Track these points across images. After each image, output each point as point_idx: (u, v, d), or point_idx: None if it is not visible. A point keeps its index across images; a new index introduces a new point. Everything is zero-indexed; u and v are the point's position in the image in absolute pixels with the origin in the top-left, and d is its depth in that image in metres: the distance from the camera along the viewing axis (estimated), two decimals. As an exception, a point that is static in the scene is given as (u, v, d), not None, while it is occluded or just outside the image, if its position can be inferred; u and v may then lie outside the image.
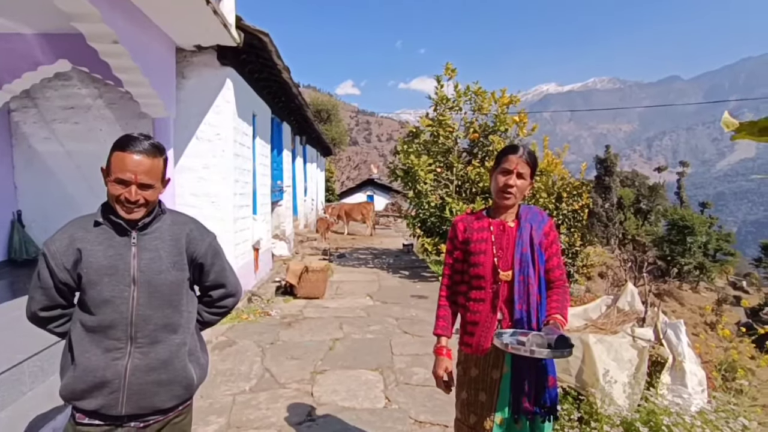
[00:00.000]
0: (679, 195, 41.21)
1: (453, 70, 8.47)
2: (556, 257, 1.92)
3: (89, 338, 1.47)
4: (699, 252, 27.48)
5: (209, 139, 5.54)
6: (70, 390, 1.47)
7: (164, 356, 1.52)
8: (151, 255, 1.50)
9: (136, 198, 1.43)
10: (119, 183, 1.42)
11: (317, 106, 31.41)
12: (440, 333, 2.00)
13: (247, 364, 4.09)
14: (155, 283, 1.49)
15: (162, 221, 1.56)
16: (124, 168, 1.41)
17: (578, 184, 8.43)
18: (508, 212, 1.91)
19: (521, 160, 1.82)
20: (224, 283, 1.71)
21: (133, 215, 1.46)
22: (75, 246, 1.46)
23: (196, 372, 1.62)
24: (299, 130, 12.00)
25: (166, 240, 1.54)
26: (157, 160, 1.48)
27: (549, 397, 1.86)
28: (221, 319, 1.85)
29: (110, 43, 3.75)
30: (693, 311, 22.04)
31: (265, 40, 5.40)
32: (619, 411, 3.26)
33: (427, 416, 3.19)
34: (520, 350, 1.66)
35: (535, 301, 1.84)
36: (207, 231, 1.67)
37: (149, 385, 1.50)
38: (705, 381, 4.03)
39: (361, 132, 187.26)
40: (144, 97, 4.69)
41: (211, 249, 1.65)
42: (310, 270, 6.55)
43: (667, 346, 4.00)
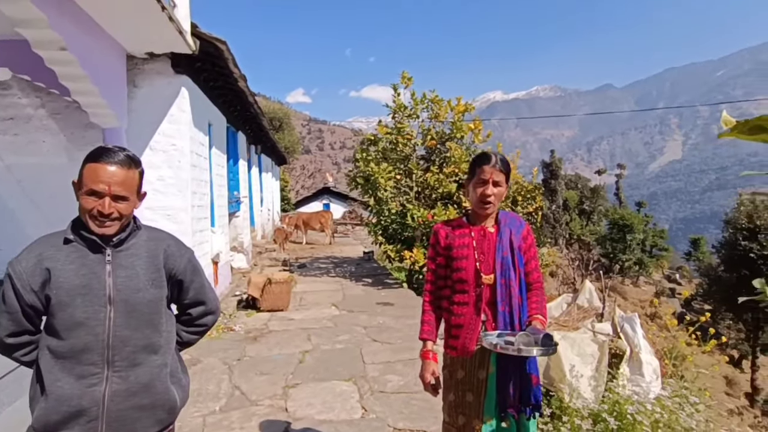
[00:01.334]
0: (617, 196, 43.81)
1: (409, 79, 8.62)
2: (534, 260, 2.01)
3: (60, 365, 1.37)
4: (638, 248, 29.33)
5: (164, 150, 5.31)
6: (43, 423, 1.36)
7: (145, 379, 1.44)
8: (128, 272, 1.43)
9: (109, 211, 1.36)
10: (92, 195, 1.36)
11: (269, 114, 30.88)
12: (426, 337, 2.03)
13: (215, 383, 3.93)
14: (133, 301, 1.42)
15: (138, 237, 1.49)
16: (97, 179, 1.35)
17: (532, 187, 8.79)
18: (488, 218, 1.98)
19: (495, 169, 1.89)
20: (204, 300, 1.66)
21: (107, 230, 1.39)
22: (43, 265, 1.37)
23: (178, 394, 1.56)
24: (254, 139, 11.76)
25: (142, 257, 1.47)
26: (132, 171, 1.42)
27: (534, 395, 1.93)
28: (200, 338, 1.78)
29: (57, 50, 3.52)
30: (635, 304, 23.45)
31: (222, 47, 5.28)
32: (586, 404, 3.41)
33: (406, 423, 3.20)
34: (508, 350, 1.73)
35: (517, 303, 1.92)
36: (185, 247, 1.62)
37: (130, 411, 1.42)
38: (659, 369, 4.31)
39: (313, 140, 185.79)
40: (93, 107, 4.44)
41: (190, 265, 1.59)
42: (273, 282, 6.41)
43: (624, 339, 4.24)
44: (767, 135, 0.97)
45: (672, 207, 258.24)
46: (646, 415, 3.28)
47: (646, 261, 30.12)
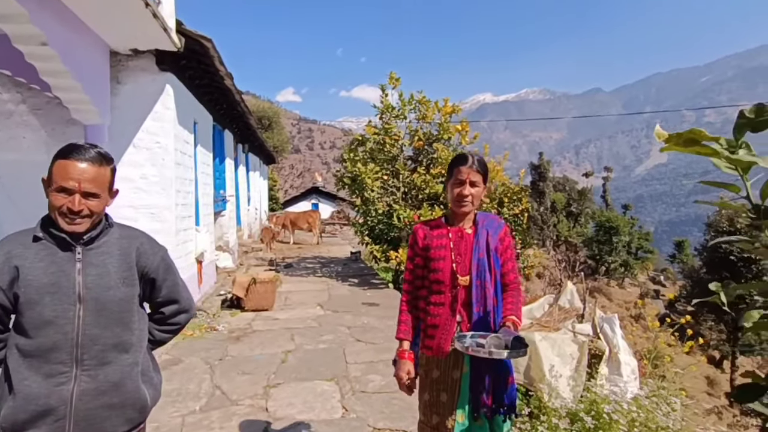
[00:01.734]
0: (604, 198, 44.33)
1: (397, 80, 8.64)
2: (511, 261, 2.03)
3: (27, 364, 1.36)
4: (623, 250, 29.72)
5: (148, 148, 5.26)
6: (10, 422, 1.35)
7: (115, 378, 1.43)
8: (99, 270, 1.42)
9: (79, 208, 1.35)
10: (61, 192, 1.34)
11: (258, 113, 30.68)
12: (402, 337, 2.05)
13: (196, 383, 3.91)
14: (103, 300, 1.41)
15: (109, 235, 1.48)
16: (67, 176, 1.34)
17: (518, 189, 8.85)
18: (466, 219, 2.00)
19: (472, 169, 1.91)
20: (177, 299, 1.65)
21: (76, 227, 1.38)
22: (11, 263, 1.36)
23: (149, 393, 1.54)
24: (242, 138, 11.68)
25: (114, 254, 1.46)
26: (104, 168, 1.41)
27: (508, 396, 1.95)
28: (173, 337, 1.77)
29: (38, 45, 3.48)
30: (620, 305, 23.77)
31: (207, 45, 5.24)
32: (565, 403, 3.45)
33: (386, 423, 3.21)
34: (479, 352, 1.75)
35: (492, 304, 1.94)
36: (158, 245, 1.61)
37: (99, 410, 1.41)
38: (637, 369, 4.38)
39: (303, 140, 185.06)
40: (75, 103, 4.39)
41: (163, 263, 1.58)
42: (257, 281, 6.38)
43: (603, 340, 4.30)
44: (700, 147, 1.00)
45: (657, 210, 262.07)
46: (623, 414, 3.33)
47: (631, 263, 30.52)
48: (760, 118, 1.10)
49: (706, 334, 18.63)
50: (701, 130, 1.06)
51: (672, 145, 1.10)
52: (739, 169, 1.11)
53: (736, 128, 1.11)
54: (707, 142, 1.08)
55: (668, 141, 1.08)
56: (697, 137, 1.05)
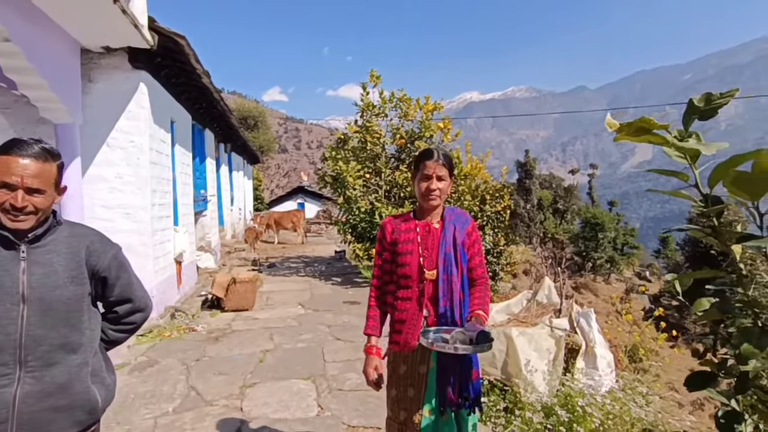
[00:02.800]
0: (590, 195, 44.85)
1: (378, 77, 8.62)
2: (478, 256, 2.02)
3: None
4: (609, 246, 30.09)
5: (122, 147, 5.17)
6: None
7: (62, 379, 1.39)
8: (45, 270, 1.37)
9: (23, 204, 1.31)
10: (3, 188, 1.30)
11: (244, 112, 30.44)
12: (370, 333, 2.04)
13: (171, 384, 3.85)
14: (49, 299, 1.37)
15: (57, 233, 1.44)
16: (9, 171, 1.29)
17: (500, 186, 8.90)
18: (434, 214, 1.99)
19: (438, 164, 1.91)
20: (131, 298, 1.61)
21: (20, 224, 1.33)
22: None
23: (100, 394, 1.50)
24: (224, 137, 11.56)
25: (62, 253, 1.42)
26: (49, 164, 1.37)
27: (473, 390, 1.95)
28: (129, 336, 1.72)
29: (0, 41, 3.39)
30: (606, 301, 24.04)
31: (181, 43, 5.16)
32: (540, 397, 3.47)
33: (360, 420, 3.19)
34: (444, 348, 1.73)
35: (458, 298, 1.93)
36: (111, 243, 1.56)
37: (44, 413, 1.36)
38: (613, 363, 4.42)
39: (290, 139, 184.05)
40: (43, 101, 4.29)
41: (115, 261, 1.54)
42: (237, 281, 6.31)
43: (580, 334, 4.34)
44: (651, 136, 1.00)
45: (643, 206, 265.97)
46: (597, 407, 3.36)
47: (617, 259, 30.92)
48: (707, 106, 1.10)
49: (691, 327, 18.95)
50: (651, 119, 1.06)
51: (625, 135, 1.10)
52: (688, 157, 1.11)
53: (685, 116, 1.11)
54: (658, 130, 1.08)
55: (620, 131, 1.08)
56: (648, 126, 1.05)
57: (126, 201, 5.23)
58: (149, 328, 5.16)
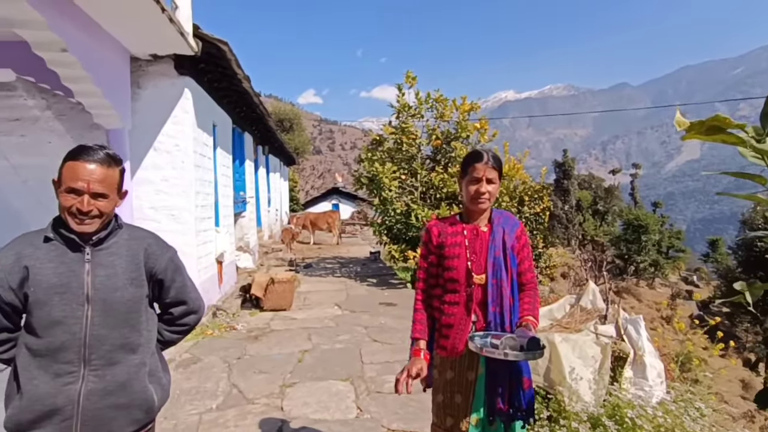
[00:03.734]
0: (632, 196, 43.17)
1: (413, 78, 8.59)
2: (527, 260, 1.97)
3: (36, 363, 1.37)
4: (653, 250, 28.81)
5: (168, 151, 5.36)
6: (15, 422, 1.37)
7: (122, 378, 1.44)
8: (107, 272, 1.43)
9: (88, 208, 1.36)
10: (71, 193, 1.36)
11: (279, 115, 31.06)
12: (417, 336, 1.97)
13: (213, 381, 3.95)
14: (111, 301, 1.42)
15: (118, 236, 1.49)
16: (76, 177, 1.35)
17: (539, 187, 8.69)
18: (481, 217, 1.94)
19: (487, 166, 1.85)
20: (185, 300, 1.65)
21: (86, 227, 1.39)
22: (22, 263, 1.37)
23: (157, 393, 1.55)
24: (261, 139, 11.82)
25: (122, 255, 1.47)
26: (112, 170, 1.42)
27: (524, 399, 1.88)
28: (183, 337, 1.78)
29: (58, 52, 3.57)
30: (650, 306, 23.05)
31: (224, 49, 5.31)
32: (585, 407, 3.34)
33: (400, 424, 3.17)
34: (494, 353, 1.69)
35: (508, 304, 1.88)
36: (167, 246, 1.61)
37: (106, 410, 1.41)
38: (664, 373, 4.21)
39: (324, 141, 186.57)
40: (97, 108, 4.49)
41: (171, 264, 1.58)
42: (276, 281, 6.43)
43: (628, 342, 4.15)
44: (725, 135, 0.93)
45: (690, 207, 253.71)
46: (648, 419, 3.20)
47: (662, 262, 29.56)
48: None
49: (742, 336, 17.88)
50: (726, 117, 0.99)
51: (694, 134, 1.03)
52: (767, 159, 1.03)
53: (763, 116, 1.03)
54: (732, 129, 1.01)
55: (690, 129, 1.01)
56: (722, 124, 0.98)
57: (171, 203, 5.41)
58: (193, 326, 5.32)
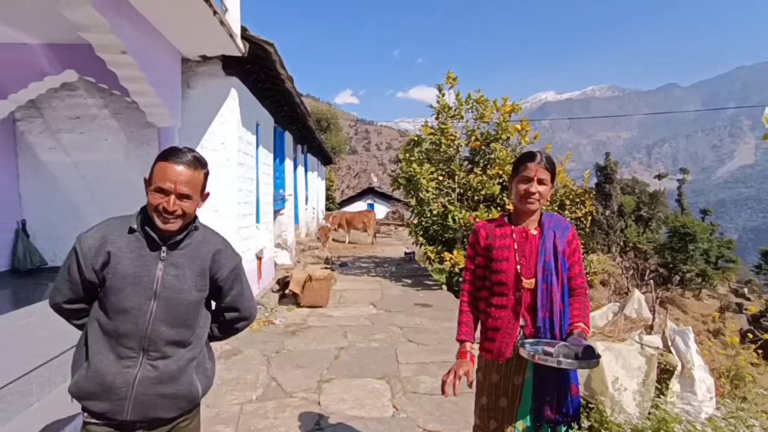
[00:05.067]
0: (679, 202, 41.23)
1: (454, 79, 8.52)
2: (578, 265, 1.92)
3: (104, 340, 1.48)
4: (701, 259, 27.41)
5: (214, 149, 5.55)
6: (78, 388, 1.49)
7: (173, 371, 1.53)
8: (177, 272, 1.51)
9: (173, 208, 1.44)
10: (159, 192, 1.44)
11: (317, 115, 31.56)
12: (464, 338, 1.96)
13: (253, 373, 4.06)
14: (175, 301, 1.50)
15: (193, 237, 1.56)
16: (165, 177, 1.43)
17: (581, 191, 8.44)
18: (530, 219, 1.91)
19: (540, 166, 1.82)
20: (239, 308, 1.71)
21: (170, 226, 1.47)
22: (106, 248, 1.46)
23: (201, 383, 1.63)
24: (301, 139, 12.04)
25: (193, 258, 1.55)
26: (198, 172, 1.49)
27: (572, 406, 1.84)
28: (230, 336, 1.85)
29: (118, 54, 3.77)
30: (696, 319, 21.94)
31: (269, 50, 5.44)
32: (629, 419, 3.23)
33: (436, 425, 3.16)
34: (547, 361, 1.66)
35: (558, 309, 1.84)
36: (234, 254, 1.66)
37: (155, 397, 1.51)
38: (713, 388, 4.01)
39: (360, 141, 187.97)
40: (150, 107, 4.71)
41: (233, 274, 1.64)
42: (313, 278, 6.54)
43: (675, 354, 3.98)
44: None
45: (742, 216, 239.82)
46: (696, 435, 3.06)
47: (710, 273, 28.06)
48: None
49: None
50: None
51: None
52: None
53: None
54: None
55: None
56: None
57: (215, 199, 5.59)
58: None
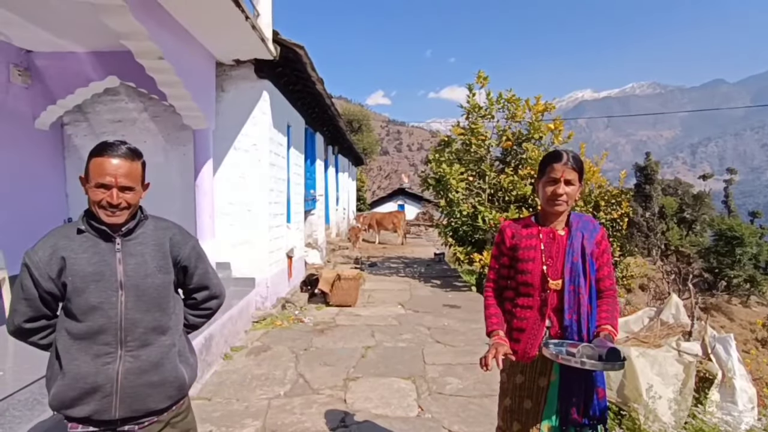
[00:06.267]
0: (726, 204, 39.22)
1: (485, 78, 8.42)
2: (607, 266, 1.88)
3: (77, 346, 1.47)
4: (749, 264, 25.95)
5: (246, 150, 5.71)
6: (59, 399, 1.48)
7: (155, 358, 1.54)
8: (137, 260, 1.53)
9: (118, 201, 1.45)
10: (100, 188, 1.44)
11: (349, 116, 31.81)
12: (495, 328, 1.90)
13: (282, 370, 4.15)
14: (143, 287, 1.52)
15: (145, 227, 1.59)
16: (104, 172, 1.43)
17: (617, 192, 8.18)
18: (558, 220, 1.88)
19: (566, 167, 1.78)
20: (208, 285, 1.74)
21: (116, 219, 1.48)
22: (58, 255, 1.46)
23: (186, 372, 1.65)
24: (332, 140, 12.18)
25: (149, 245, 1.57)
26: (135, 163, 1.50)
27: (598, 409, 1.81)
28: (206, 321, 1.87)
29: (156, 59, 3.94)
30: (743, 327, 20.82)
31: (300, 53, 5.55)
32: (664, 428, 3.11)
33: (461, 426, 3.14)
34: (570, 361, 1.64)
35: (586, 311, 1.81)
36: (189, 235, 1.71)
37: (142, 388, 1.52)
38: (756, 398, 3.81)
39: (391, 142, 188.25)
40: (186, 110, 4.90)
41: (194, 252, 1.68)
42: (342, 278, 6.60)
43: (716, 362, 3.81)
44: None
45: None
46: (736, 447, 2.92)
47: (759, 279, 26.50)
48: None
49: None
50: None
51: None
52: None
53: None
54: None
55: None
56: None
57: (247, 199, 5.75)
58: (263, 316, 5.62)
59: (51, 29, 4.36)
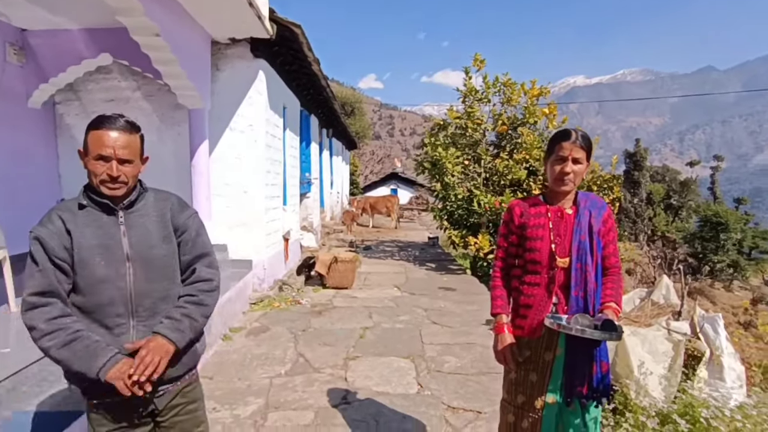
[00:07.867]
0: (712, 190, 39.81)
1: (482, 62, 8.38)
2: (612, 244, 1.93)
3: (89, 319, 1.48)
4: (733, 249, 26.51)
5: (242, 130, 5.65)
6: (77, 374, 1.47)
7: None
8: (141, 231, 1.54)
9: (117, 173, 1.45)
10: (99, 160, 1.44)
11: (341, 99, 31.41)
12: (499, 311, 1.98)
13: (281, 349, 4.19)
14: (149, 258, 1.53)
15: (146, 199, 1.60)
16: (103, 144, 1.43)
17: (609, 177, 8.26)
18: (566, 199, 1.91)
19: (575, 145, 1.80)
20: (208, 252, 1.71)
21: (116, 191, 1.48)
22: (66, 227, 1.46)
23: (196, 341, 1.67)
24: (326, 122, 12.09)
25: (152, 216, 1.58)
26: (134, 136, 1.50)
27: (603, 383, 1.87)
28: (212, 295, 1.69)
29: (152, 36, 3.87)
30: (726, 310, 21.29)
31: (297, 31, 5.47)
32: (654, 402, 3.22)
33: (460, 402, 3.22)
34: (571, 330, 1.69)
35: (592, 288, 1.85)
36: (188, 206, 1.71)
37: None
38: (744, 376, 3.95)
39: (384, 126, 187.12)
40: (181, 89, 4.83)
41: (193, 220, 1.67)
42: (339, 260, 6.64)
43: (704, 340, 3.93)
44: None
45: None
46: (724, 421, 3.04)
47: (742, 264, 27.11)
48: None
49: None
50: None
51: None
52: None
53: None
54: None
55: None
56: None
57: (244, 180, 5.72)
58: (261, 298, 5.65)
59: (47, 6, 4.25)
